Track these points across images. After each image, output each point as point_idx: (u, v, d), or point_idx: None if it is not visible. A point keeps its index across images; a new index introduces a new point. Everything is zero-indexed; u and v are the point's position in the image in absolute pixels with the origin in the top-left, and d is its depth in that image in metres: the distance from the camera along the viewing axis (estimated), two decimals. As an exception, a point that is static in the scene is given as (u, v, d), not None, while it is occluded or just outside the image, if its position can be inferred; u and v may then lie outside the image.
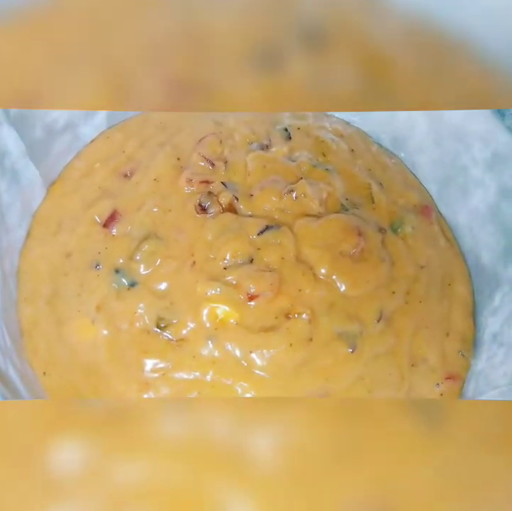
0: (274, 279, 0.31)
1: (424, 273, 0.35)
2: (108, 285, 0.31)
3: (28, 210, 0.33)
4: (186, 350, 0.30)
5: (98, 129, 0.38)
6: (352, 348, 0.31)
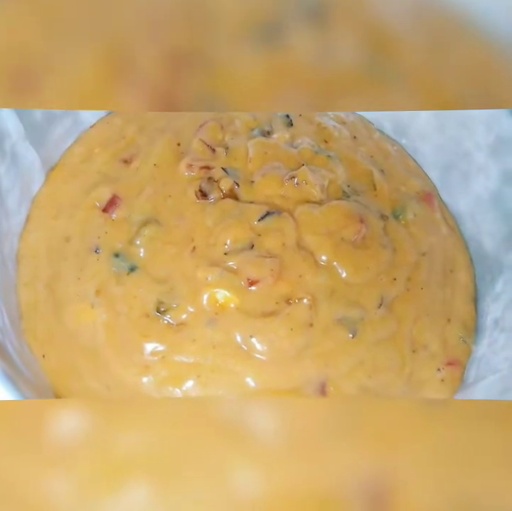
0: (275, 265, 0.31)
1: (426, 260, 0.35)
2: (108, 270, 0.31)
3: (28, 194, 0.33)
4: (186, 334, 0.30)
5: (98, 114, 0.37)
6: (352, 333, 0.31)
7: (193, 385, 0.29)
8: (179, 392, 0.29)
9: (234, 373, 0.29)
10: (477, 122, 0.35)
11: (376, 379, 0.30)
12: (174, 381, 0.29)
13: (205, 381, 0.29)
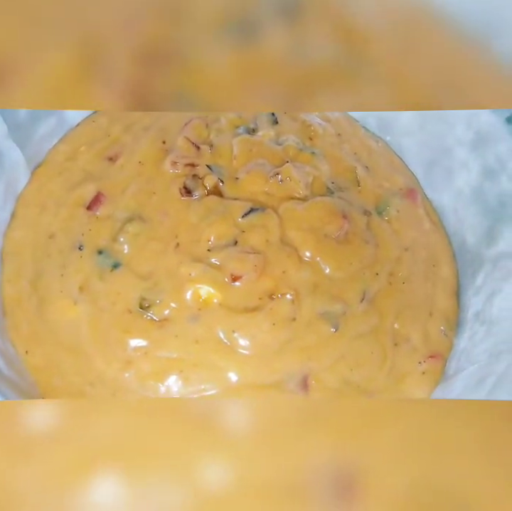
0: (258, 261, 0.31)
1: (408, 255, 0.36)
2: (91, 266, 0.31)
3: (12, 192, 0.33)
4: (169, 330, 0.30)
5: (83, 113, 0.38)
6: (335, 327, 0.31)
7: (175, 380, 0.29)
8: (162, 387, 0.29)
9: (217, 368, 0.30)
10: (457, 119, 0.36)
11: (358, 372, 0.31)
12: (157, 376, 0.29)
13: (188, 375, 0.29)
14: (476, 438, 0.20)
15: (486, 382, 0.27)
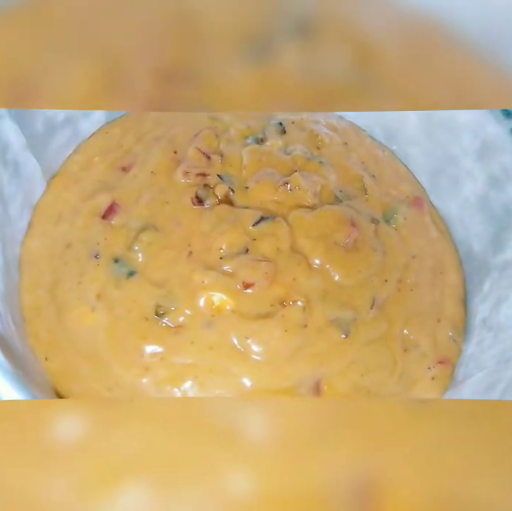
0: (269, 268, 0.32)
1: (416, 262, 0.36)
2: (107, 274, 0.32)
3: (29, 202, 0.34)
4: (184, 336, 0.30)
5: (97, 124, 0.38)
6: (345, 334, 0.32)
7: (191, 385, 0.30)
8: (178, 392, 0.29)
9: (231, 373, 0.30)
10: (463, 128, 0.36)
11: (369, 378, 0.31)
12: (173, 382, 0.30)
13: (203, 381, 0.30)
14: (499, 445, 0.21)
15: (496, 388, 0.28)
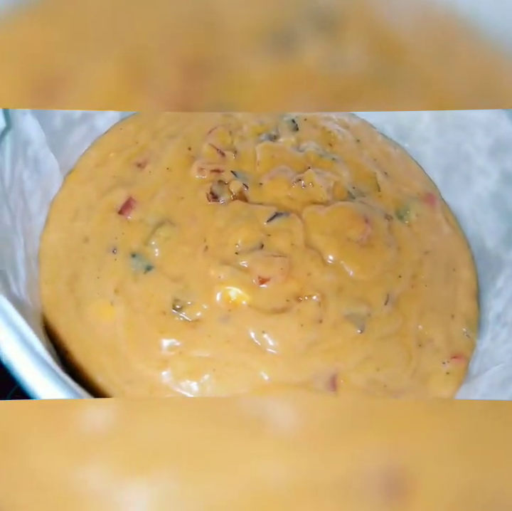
0: (284, 264, 0.32)
1: (429, 258, 0.36)
2: (125, 269, 0.32)
3: (47, 197, 0.34)
4: (201, 330, 0.31)
5: (112, 120, 0.39)
6: (360, 329, 0.32)
7: (209, 378, 0.30)
8: (196, 385, 0.30)
9: (248, 367, 0.30)
10: (476, 125, 0.36)
11: (384, 373, 0.32)
12: (191, 375, 0.30)
13: (221, 374, 0.30)
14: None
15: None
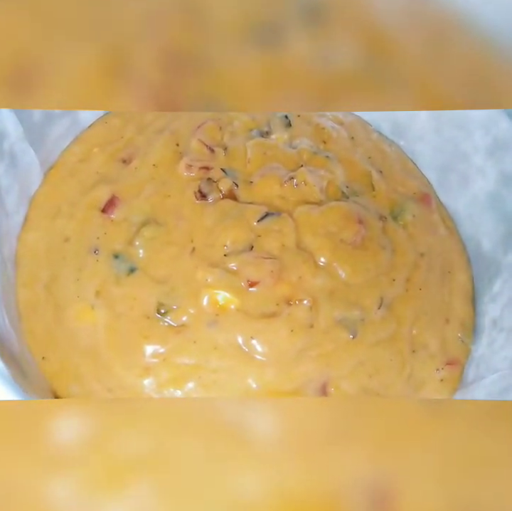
0: (275, 266, 0.31)
1: (424, 261, 0.35)
2: (107, 270, 0.31)
3: (26, 194, 0.33)
4: (187, 336, 0.30)
5: (96, 114, 0.37)
6: (353, 334, 0.31)
7: (194, 386, 0.29)
8: (180, 394, 0.29)
9: (235, 374, 0.29)
10: (474, 124, 0.35)
11: (377, 379, 0.31)
12: (175, 383, 0.29)
13: (207, 382, 0.29)
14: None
15: (511, 391, 0.27)
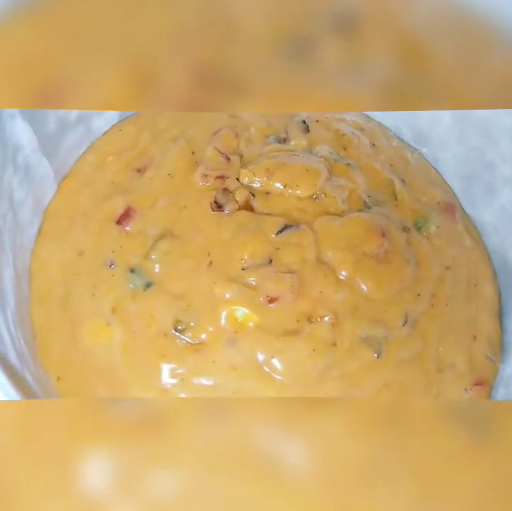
0: (295, 281, 0.30)
1: (450, 274, 0.34)
2: (123, 286, 0.30)
3: (40, 206, 0.32)
4: (205, 355, 0.28)
5: (110, 121, 0.36)
6: (377, 353, 0.30)
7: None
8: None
9: (255, 396, 0.28)
10: (501, 131, 0.34)
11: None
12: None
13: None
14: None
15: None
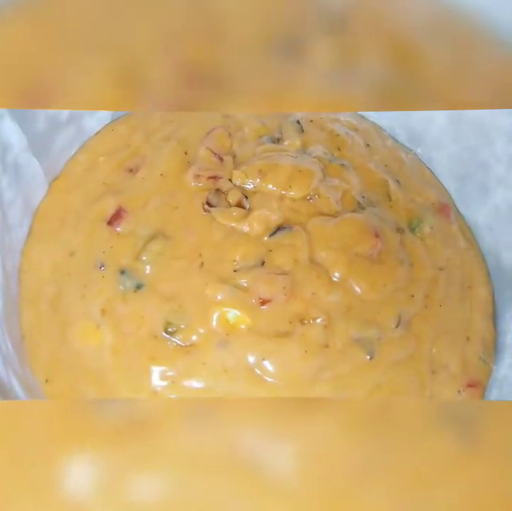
0: (287, 282, 0.30)
1: (444, 275, 0.34)
2: (113, 287, 0.30)
3: (30, 207, 0.32)
4: (196, 357, 0.28)
5: (102, 121, 0.36)
6: (370, 355, 0.29)
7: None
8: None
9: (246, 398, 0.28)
10: (496, 132, 0.34)
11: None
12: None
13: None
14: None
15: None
